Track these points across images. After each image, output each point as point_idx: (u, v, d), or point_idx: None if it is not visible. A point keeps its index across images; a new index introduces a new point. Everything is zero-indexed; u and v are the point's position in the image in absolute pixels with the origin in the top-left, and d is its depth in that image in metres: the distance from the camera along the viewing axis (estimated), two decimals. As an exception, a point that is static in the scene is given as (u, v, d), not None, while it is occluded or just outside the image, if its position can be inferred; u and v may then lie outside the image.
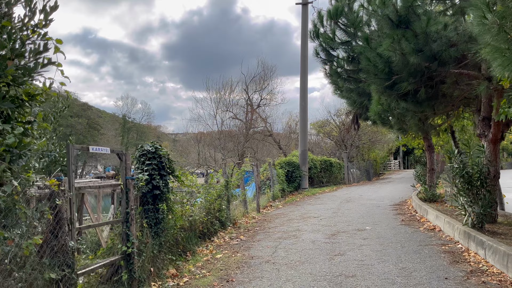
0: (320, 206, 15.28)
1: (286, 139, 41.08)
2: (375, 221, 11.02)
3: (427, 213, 10.82)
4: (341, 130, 35.75)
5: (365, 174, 35.96)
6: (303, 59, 20.99)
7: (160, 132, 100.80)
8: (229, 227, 10.80)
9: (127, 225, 5.64)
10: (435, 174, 15.23)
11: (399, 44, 8.07)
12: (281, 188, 18.32)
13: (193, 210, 8.88)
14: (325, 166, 26.76)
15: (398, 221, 10.89)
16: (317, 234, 9.44)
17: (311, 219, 11.91)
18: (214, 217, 10.16)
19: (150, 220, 6.39)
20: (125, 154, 5.73)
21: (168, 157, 6.84)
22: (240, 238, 9.52)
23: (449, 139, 20.47)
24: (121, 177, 5.73)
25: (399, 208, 13.78)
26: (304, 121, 22.16)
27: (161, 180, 6.55)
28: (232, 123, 36.66)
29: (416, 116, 11.38)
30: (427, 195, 13.57)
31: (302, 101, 21.69)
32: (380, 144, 41.76)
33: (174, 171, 7.00)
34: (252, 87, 36.96)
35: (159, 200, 6.54)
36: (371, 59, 8.99)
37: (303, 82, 21.19)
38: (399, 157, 64.31)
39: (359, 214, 12.65)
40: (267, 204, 15.73)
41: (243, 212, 12.68)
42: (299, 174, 21.27)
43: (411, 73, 8.89)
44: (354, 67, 10.59)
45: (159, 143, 6.82)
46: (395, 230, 9.51)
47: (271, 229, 10.48)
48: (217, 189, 10.85)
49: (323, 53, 10.91)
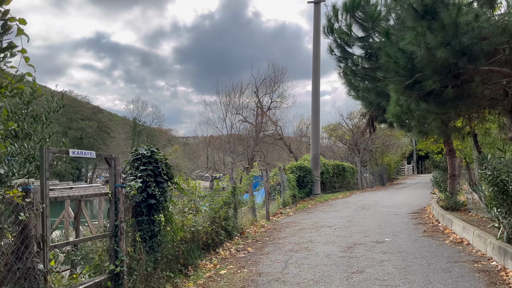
0: (334, 213, 14.42)
1: (297, 142, 40.24)
2: (394, 232, 10.15)
3: (452, 223, 9.92)
4: (354, 134, 34.77)
5: (379, 179, 34.90)
6: (315, 59, 20.18)
7: (171, 136, 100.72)
8: (236, 237, 10.04)
9: (115, 240, 4.92)
10: (456, 181, 14.28)
11: (424, 37, 7.25)
12: (292, 194, 17.50)
13: (196, 219, 8.14)
14: (338, 170, 25.86)
15: (419, 232, 10.00)
16: (332, 246, 8.62)
17: (325, 228, 11.08)
18: (219, 227, 9.42)
19: (144, 233, 5.66)
20: (115, 158, 5.01)
21: (165, 162, 6.11)
22: (247, 250, 8.75)
23: (468, 143, 19.46)
24: (109, 185, 5.01)
25: (418, 217, 12.86)
26: (316, 124, 21.32)
27: (157, 188, 5.81)
28: (242, 126, 36.00)
29: (438, 118, 10.50)
30: (449, 203, 12.64)
31: (314, 103, 20.86)
32: (394, 148, 40.63)
33: (173, 177, 6.26)
34: (263, 89, 36.28)
35: (155, 210, 5.81)
36: (391, 54, 8.18)
37: (315, 83, 20.36)
38: (413, 162, 62.92)
39: (376, 223, 11.78)
40: (277, 211, 14.94)
41: (252, 220, 11.91)
42: (311, 179, 20.43)
43: (436, 70, 8.05)
44: (371, 64, 9.78)
45: (156, 146, 6.10)
46: (418, 243, 8.63)
47: (281, 240, 9.68)
48: (224, 196, 10.12)
49: (337, 50, 10.11)
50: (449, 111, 10.20)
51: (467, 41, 7.09)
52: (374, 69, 9.73)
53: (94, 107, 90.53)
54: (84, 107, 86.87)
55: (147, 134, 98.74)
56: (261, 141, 34.35)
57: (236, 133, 35.62)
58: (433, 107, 10.30)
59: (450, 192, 13.70)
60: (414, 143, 57.67)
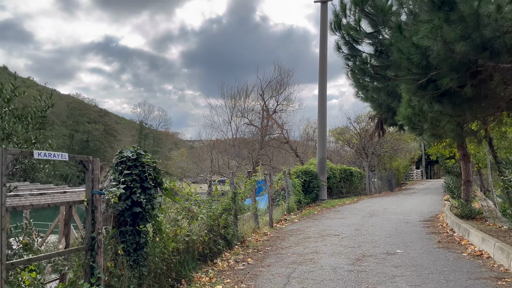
0: (341, 221, 13.73)
1: (304, 146, 39.57)
2: (406, 242, 9.45)
3: (469, 233, 9.19)
4: (361, 137, 34.01)
5: (387, 184, 34.07)
6: (322, 59, 19.50)
7: (178, 139, 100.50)
8: (236, 246, 9.41)
9: (91, 254, 4.32)
10: (471, 187, 13.53)
11: (441, 30, 6.59)
12: (297, 199, 16.83)
13: (192, 228, 7.53)
14: (345, 175, 25.13)
15: (433, 243, 9.29)
16: (339, 258, 7.95)
17: (331, 237, 10.40)
18: (218, 235, 8.79)
19: (128, 245, 5.05)
20: (92, 161, 4.42)
21: (154, 165, 5.50)
22: (247, 261, 8.10)
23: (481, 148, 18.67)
24: (85, 191, 4.41)
25: (431, 225, 12.13)
26: (323, 127, 20.64)
27: (143, 195, 5.21)
28: (247, 129, 35.43)
29: (453, 120, 9.80)
30: (464, 211, 11.90)
31: (320, 106, 20.19)
32: (402, 152, 39.77)
33: (162, 183, 5.65)
34: (268, 92, 35.72)
35: (141, 219, 5.20)
36: (404, 50, 7.53)
37: (321, 85, 19.69)
38: (422, 167, 61.87)
39: (386, 232, 11.08)
40: (281, 217, 14.28)
41: (254, 227, 11.27)
42: (317, 184, 19.73)
43: (453, 67, 7.38)
44: (381, 62, 9.14)
45: (143, 149, 5.49)
46: (433, 255, 7.93)
47: (284, 250, 9.02)
48: (223, 203, 9.51)
49: (345, 47, 9.48)
50: (465, 112, 9.50)
51: (489, 34, 6.42)
52: (385, 67, 9.08)
53: (100, 110, 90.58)
54: (91, 110, 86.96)
55: (154, 137, 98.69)
56: (266, 144, 33.73)
57: (241, 136, 35.06)
58: (447, 109, 9.63)
59: (465, 199, 12.95)
60: (423, 147, 56.67)
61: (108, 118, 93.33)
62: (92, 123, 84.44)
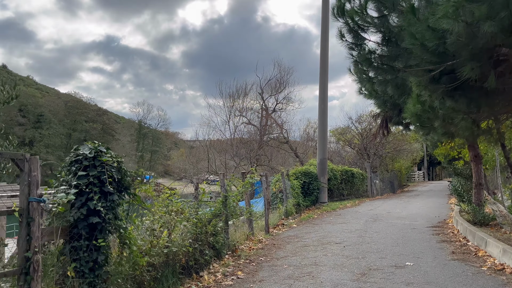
0: (342, 226, 12.75)
1: (304, 147, 38.58)
2: (415, 252, 8.47)
3: (486, 243, 8.21)
4: (363, 138, 33.02)
5: (389, 186, 33.08)
6: (323, 51, 18.42)
7: (178, 139, 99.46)
8: (227, 255, 8.43)
9: (25, 279, 3.35)
10: (483, 190, 12.56)
11: (463, 8, 5.62)
12: (296, 202, 15.85)
13: (173, 238, 6.57)
14: (346, 177, 24.14)
15: (446, 254, 8.31)
16: (341, 272, 6.98)
17: (332, 245, 9.43)
18: (205, 244, 7.82)
19: (82, 265, 4.08)
20: (29, 160, 3.46)
21: (119, 166, 4.53)
22: (237, 274, 7.13)
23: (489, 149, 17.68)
24: (19, 198, 3.45)
25: (441, 232, 11.15)
26: (324, 126, 19.65)
27: (103, 201, 4.24)
28: (246, 129, 34.45)
29: (469, 117, 8.83)
30: (477, 217, 10.92)
31: (321, 103, 19.18)
32: (405, 153, 38.77)
33: (129, 187, 4.68)
34: (268, 91, 34.73)
35: (100, 231, 4.23)
36: (417, 35, 6.56)
37: (322, 82, 18.68)
38: (424, 168, 60.87)
39: (392, 239, 10.11)
40: (278, 222, 13.30)
41: (247, 234, 10.29)
42: (317, 186, 18.75)
43: (474, 54, 6.41)
44: (390, 52, 8.18)
45: (106, 145, 4.52)
46: (449, 270, 6.95)
47: (279, 261, 8.05)
48: (212, 207, 8.56)
49: (349, 36, 8.51)
50: (481, 109, 8.54)
51: (520, 13, 5.44)
52: (393, 57, 8.11)
53: (99, 109, 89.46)
54: (89, 109, 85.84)
55: (153, 137, 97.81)
56: (265, 144, 32.74)
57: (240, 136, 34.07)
58: (461, 104, 8.67)
59: (477, 204, 11.98)
60: (425, 148, 55.68)
61: (107, 117, 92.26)
62: (90, 122, 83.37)
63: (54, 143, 74.31)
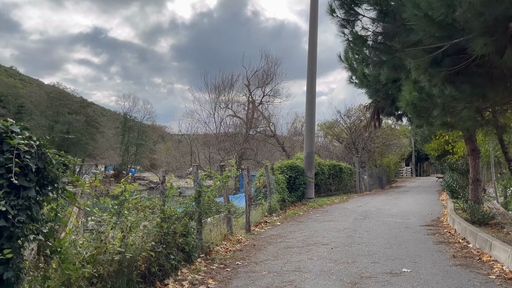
0: (330, 224, 11.80)
1: (291, 141, 37.67)
2: (411, 256, 7.54)
3: (492, 247, 7.31)
4: (352, 132, 32.18)
5: (378, 181, 32.33)
6: (312, 38, 17.29)
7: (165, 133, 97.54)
8: (199, 259, 7.39)
9: None
10: (481, 187, 11.72)
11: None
12: (280, 198, 14.85)
13: (129, 241, 5.50)
14: (334, 171, 23.24)
15: (447, 258, 7.39)
16: (328, 280, 6.00)
17: (318, 247, 8.45)
18: (174, 246, 6.79)
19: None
20: None
21: (40, 152, 3.43)
22: (207, 283, 6.09)
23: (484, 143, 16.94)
24: None
25: (436, 232, 10.26)
26: (311, 118, 18.63)
27: (11, 198, 3.14)
28: (232, 122, 33.35)
29: (472, 106, 7.90)
30: (475, 216, 10.05)
31: (309, 93, 18.14)
32: (393, 148, 38.07)
33: (57, 179, 3.58)
34: (255, 83, 33.65)
35: (8, 239, 3.14)
36: (421, 3, 5.56)
37: (311, 69, 17.59)
38: (411, 164, 60.53)
39: (385, 240, 9.18)
40: (261, 219, 12.29)
41: (225, 233, 9.26)
42: (304, 181, 17.79)
43: (488, 27, 5.44)
44: (386, 28, 7.18)
45: (22, 124, 3.42)
46: (452, 278, 6.02)
47: (258, 266, 7.03)
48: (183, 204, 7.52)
49: (341, 11, 7.47)
50: (489, 94, 7.61)
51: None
52: (390, 35, 7.12)
53: (82, 101, 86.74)
54: (72, 101, 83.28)
55: (138, 130, 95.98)
56: (251, 138, 31.70)
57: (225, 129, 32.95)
58: (465, 91, 7.75)
59: (474, 201, 11.13)
60: (414, 144, 55.30)
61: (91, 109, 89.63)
62: (73, 114, 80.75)
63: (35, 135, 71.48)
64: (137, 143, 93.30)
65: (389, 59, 7.31)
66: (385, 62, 7.44)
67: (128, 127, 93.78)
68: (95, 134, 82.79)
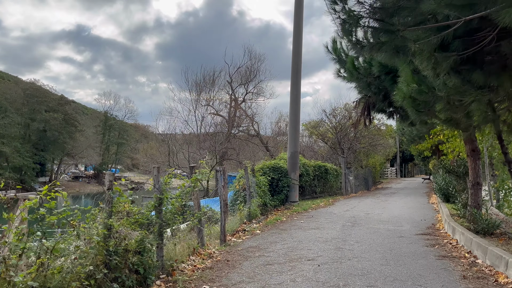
0: (316, 232, 10.56)
1: (275, 141, 36.46)
2: (413, 276, 6.33)
3: (508, 265, 6.14)
4: (337, 131, 31.14)
5: (363, 182, 31.36)
6: (297, 31, 16.08)
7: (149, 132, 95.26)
8: (158, 281, 6.03)
9: None
10: (481, 191, 10.64)
11: None
12: (262, 202, 13.57)
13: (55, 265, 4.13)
14: (320, 172, 22.08)
15: (455, 278, 6.19)
16: (316, 315, 4.71)
17: (303, 263, 7.18)
18: (124, 268, 5.43)
19: None
20: None
21: None
22: (161, 319, 4.75)
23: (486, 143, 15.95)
24: None
25: (436, 243, 9.10)
26: (296, 116, 17.40)
27: None
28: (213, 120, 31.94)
29: (484, 97, 6.73)
30: (479, 225, 8.93)
31: (293, 89, 16.89)
32: (379, 148, 37.21)
33: None
34: (238, 80, 32.33)
35: None
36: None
37: (295, 63, 16.32)
38: (396, 164, 60.11)
39: (379, 253, 7.97)
40: (239, 227, 10.97)
41: (195, 246, 7.90)
42: (287, 183, 16.55)
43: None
44: (384, 3, 5.95)
45: None
46: (470, 311, 4.81)
47: (229, 292, 5.71)
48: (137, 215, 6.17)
49: (332, -18, 6.24)
50: (504, 85, 6.46)
51: None
52: (391, 10, 5.90)
53: (61, 98, 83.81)
54: (50, 98, 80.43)
55: (119, 129, 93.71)
56: (233, 137, 30.36)
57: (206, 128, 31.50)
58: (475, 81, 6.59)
59: (474, 207, 10.03)
60: (399, 144, 54.77)
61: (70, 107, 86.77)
62: (51, 111, 77.83)
63: (10, 133, 68.94)
64: (118, 142, 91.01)
65: (389, 39, 6.07)
66: (384, 44, 6.21)
67: (109, 126, 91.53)
68: (74, 132, 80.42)
